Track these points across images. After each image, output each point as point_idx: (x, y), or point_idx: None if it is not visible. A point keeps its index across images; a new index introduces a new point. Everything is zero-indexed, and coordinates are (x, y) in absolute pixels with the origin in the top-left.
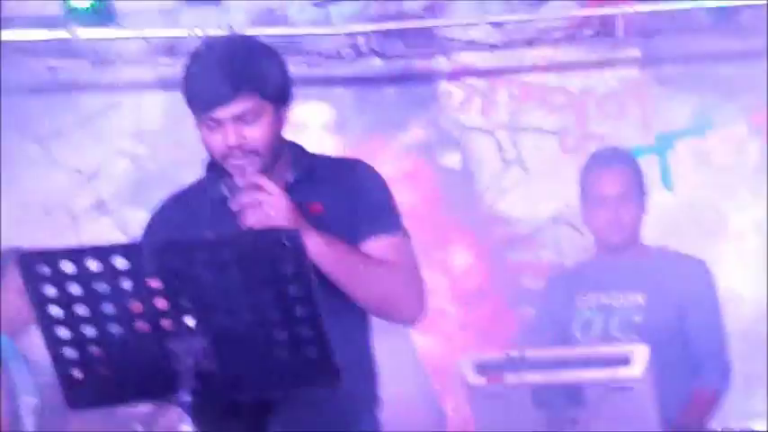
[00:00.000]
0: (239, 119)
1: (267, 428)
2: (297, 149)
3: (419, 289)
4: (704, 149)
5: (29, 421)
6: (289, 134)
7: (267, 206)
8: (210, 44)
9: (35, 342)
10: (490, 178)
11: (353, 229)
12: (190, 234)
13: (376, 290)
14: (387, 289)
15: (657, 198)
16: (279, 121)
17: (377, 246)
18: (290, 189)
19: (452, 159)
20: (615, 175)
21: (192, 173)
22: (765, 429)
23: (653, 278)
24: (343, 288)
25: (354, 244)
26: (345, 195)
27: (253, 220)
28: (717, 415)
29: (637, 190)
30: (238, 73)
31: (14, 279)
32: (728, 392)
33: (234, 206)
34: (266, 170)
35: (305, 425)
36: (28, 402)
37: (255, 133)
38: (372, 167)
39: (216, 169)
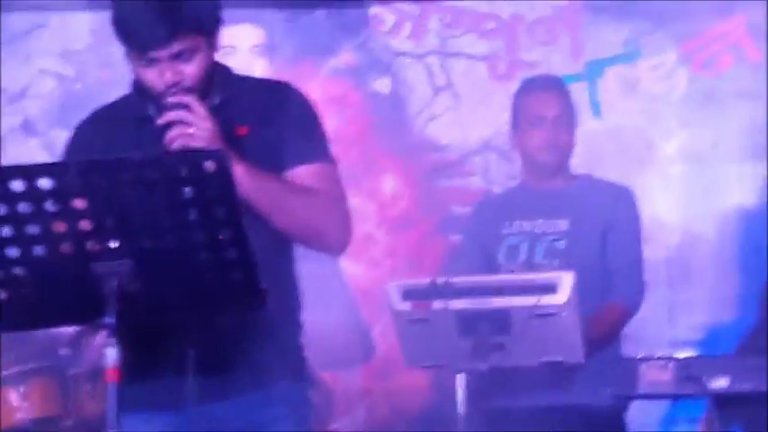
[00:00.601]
0: (176, 57)
1: (189, 353)
2: (224, 71)
3: (344, 218)
4: (633, 77)
5: None
6: (217, 57)
7: (191, 126)
8: None
9: None
10: (420, 104)
11: (279, 155)
12: (112, 153)
13: (299, 218)
14: (310, 217)
15: (586, 125)
16: (211, 51)
17: (302, 173)
18: (215, 110)
19: (382, 84)
20: (551, 97)
21: (120, 92)
22: (689, 355)
23: (578, 205)
24: (265, 215)
25: (280, 170)
26: (272, 119)
27: (176, 138)
28: (639, 339)
29: (567, 114)
30: (175, 13)
31: None
32: (638, 309)
33: (160, 121)
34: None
35: (227, 350)
36: None
37: (192, 69)
38: (301, 92)
39: (142, 90)
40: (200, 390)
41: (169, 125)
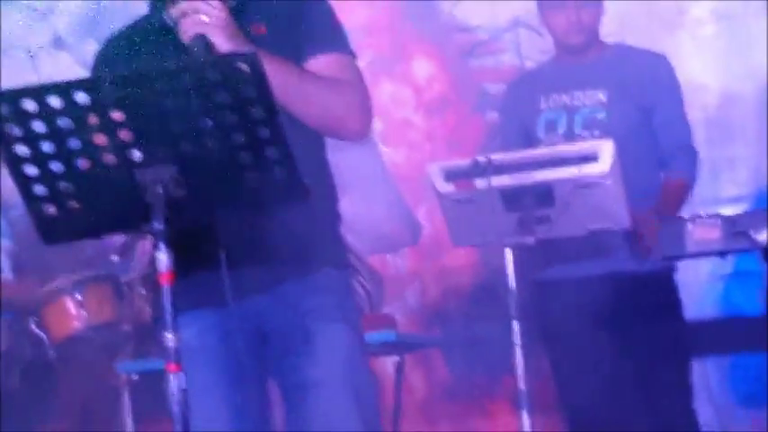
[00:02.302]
0: None
1: (227, 249)
2: None
3: (363, 105)
4: None
5: (6, 264)
6: None
7: (205, 13)
8: None
9: (4, 182)
10: None
11: (297, 49)
12: (143, 64)
13: (318, 105)
14: (329, 104)
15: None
16: None
17: (320, 63)
18: (233, 13)
19: None
20: None
21: (143, 4)
22: (734, 212)
23: (614, 74)
24: (286, 106)
25: (298, 63)
26: (288, 16)
27: (191, 27)
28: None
29: None
30: None
31: None
32: (697, 180)
33: (174, 12)
34: None
35: (264, 243)
36: (3, 245)
37: None
38: None
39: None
40: (241, 284)
41: (184, 16)
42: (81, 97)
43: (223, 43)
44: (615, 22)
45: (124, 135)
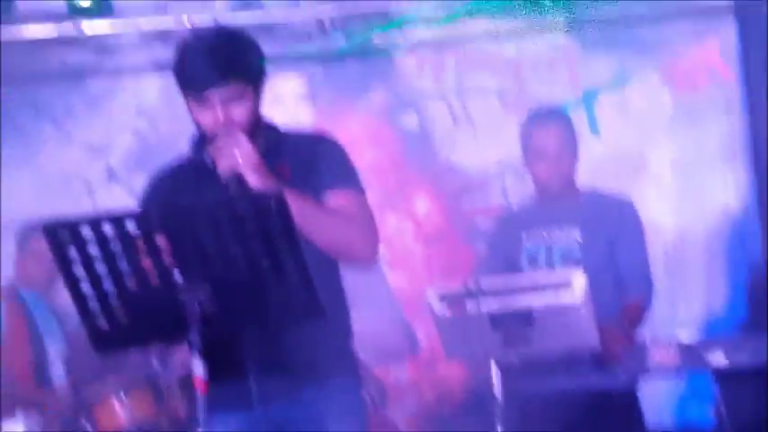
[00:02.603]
0: (227, 100)
1: (253, 360)
2: (270, 126)
3: (371, 236)
4: (624, 100)
5: (59, 367)
6: (267, 104)
7: (238, 152)
8: (199, 33)
9: (62, 297)
10: (443, 135)
11: (316, 186)
12: (181, 197)
13: (333, 235)
14: (343, 234)
15: (587, 144)
16: (258, 99)
17: (335, 198)
18: (263, 156)
19: (410, 121)
20: (551, 132)
21: (185, 142)
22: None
23: (586, 215)
24: (306, 235)
25: (317, 198)
26: (308, 159)
27: (225, 162)
28: (646, 325)
29: (570, 142)
30: (227, 62)
31: (34, 246)
32: (653, 305)
33: (211, 152)
34: None
35: (286, 356)
36: (57, 350)
37: (240, 111)
38: (331, 135)
39: (201, 143)
40: (264, 392)
41: (220, 156)
42: (131, 226)
43: (254, 181)
44: (587, 167)
45: (167, 259)
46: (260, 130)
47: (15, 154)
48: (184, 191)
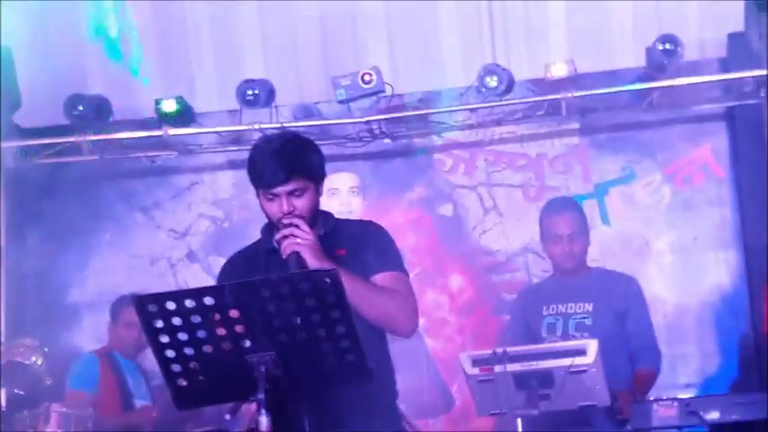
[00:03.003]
0: (291, 194)
1: (310, 417)
2: (327, 215)
3: (412, 310)
4: (630, 193)
5: None
6: (325, 196)
7: (299, 238)
8: (269, 138)
9: (149, 359)
10: (475, 222)
11: (366, 266)
12: (252, 276)
13: (380, 309)
14: (387, 309)
15: (598, 230)
16: (317, 193)
17: (382, 278)
18: (321, 239)
19: (446, 209)
20: (565, 219)
21: (256, 228)
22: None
23: (597, 291)
24: (357, 309)
25: (367, 277)
26: (360, 244)
27: (288, 247)
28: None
29: (582, 228)
30: (291, 162)
31: (127, 317)
32: (660, 371)
33: (277, 236)
34: None
35: (340, 412)
36: (143, 405)
37: (302, 203)
38: (379, 224)
39: (269, 229)
40: None
41: (284, 239)
42: (208, 300)
43: (312, 260)
44: (597, 250)
45: (238, 328)
46: (318, 218)
47: (111, 238)
48: (254, 270)
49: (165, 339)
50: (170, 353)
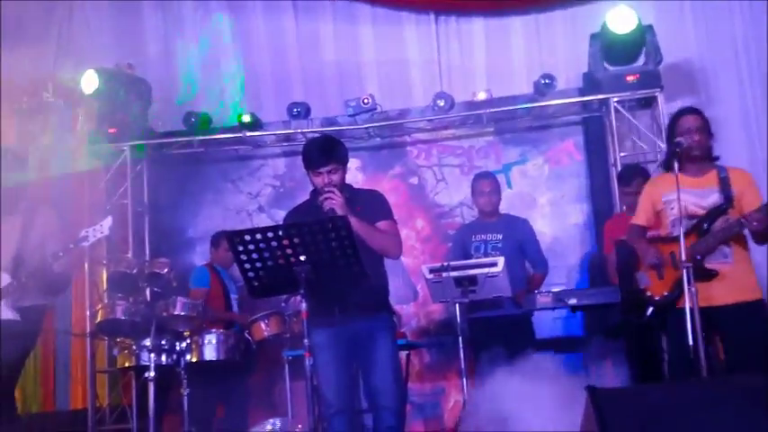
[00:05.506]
0: (329, 172)
1: (336, 300)
2: (349, 186)
3: (399, 243)
4: (524, 170)
5: (235, 305)
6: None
7: (334, 199)
8: (312, 138)
9: (235, 270)
10: (431, 187)
11: (372, 218)
12: (302, 219)
13: (380, 242)
14: (383, 242)
15: (505, 192)
16: (344, 172)
17: (382, 225)
18: (346, 201)
19: (413, 180)
20: (486, 183)
21: (300, 192)
22: (557, 290)
23: (505, 227)
24: (366, 242)
25: (372, 223)
26: (369, 204)
27: (327, 203)
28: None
29: (496, 189)
30: (329, 152)
31: (223, 244)
32: (548, 274)
33: (320, 198)
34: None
35: (355, 299)
36: (234, 297)
37: (335, 178)
38: (379, 191)
39: (315, 192)
40: (343, 318)
41: (325, 200)
42: (270, 234)
43: (339, 212)
44: (505, 203)
45: (289, 251)
46: (345, 188)
47: (212, 198)
48: (304, 217)
49: (244, 257)
50: (247, 265)
